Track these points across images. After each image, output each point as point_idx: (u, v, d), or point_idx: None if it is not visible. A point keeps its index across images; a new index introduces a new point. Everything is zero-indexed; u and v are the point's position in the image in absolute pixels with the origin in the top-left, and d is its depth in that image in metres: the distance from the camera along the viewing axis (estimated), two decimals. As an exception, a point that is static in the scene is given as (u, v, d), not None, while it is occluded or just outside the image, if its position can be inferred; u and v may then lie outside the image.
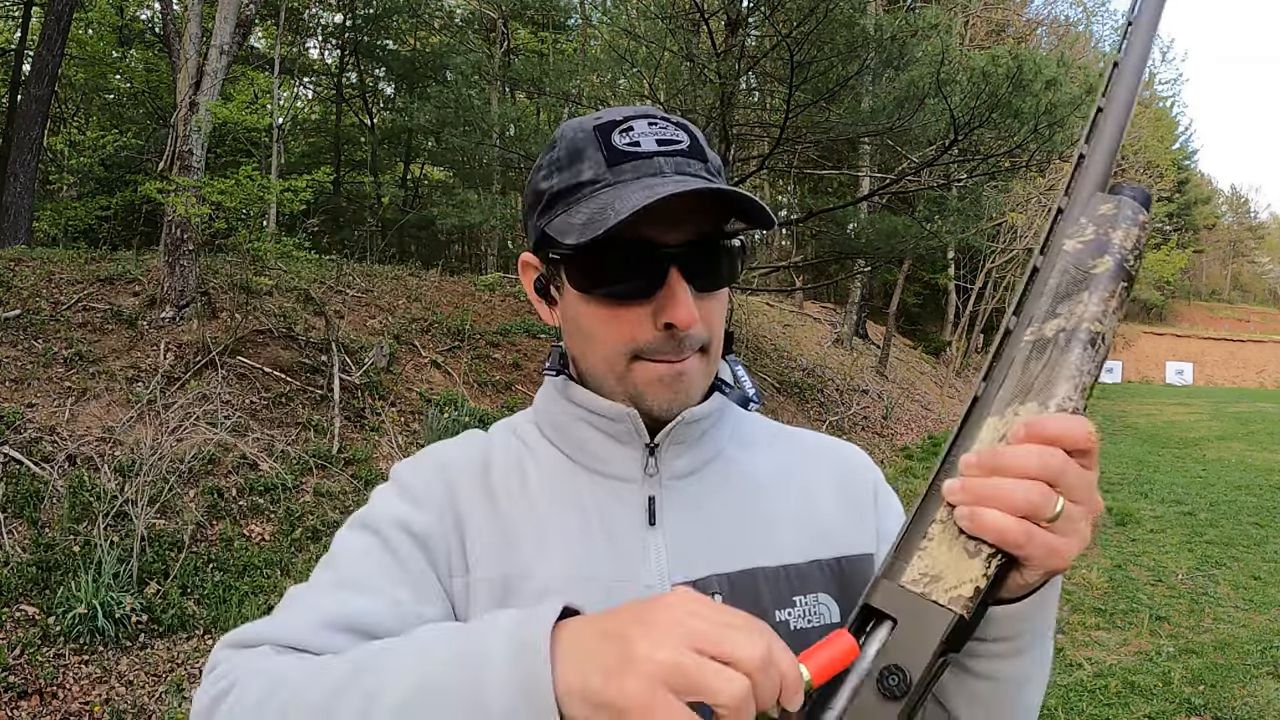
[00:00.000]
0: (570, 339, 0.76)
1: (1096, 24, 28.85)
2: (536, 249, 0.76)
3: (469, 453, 0.79)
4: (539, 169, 0.74)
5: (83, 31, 13.67)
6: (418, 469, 0.78)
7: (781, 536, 0.75)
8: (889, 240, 10.19)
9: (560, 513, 0.74)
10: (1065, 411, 0.52)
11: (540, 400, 0.81)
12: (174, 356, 6.07)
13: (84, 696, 3.43)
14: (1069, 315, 0.54)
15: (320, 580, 0.71)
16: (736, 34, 9.21)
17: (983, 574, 0.50)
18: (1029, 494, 0.51)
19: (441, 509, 0.74)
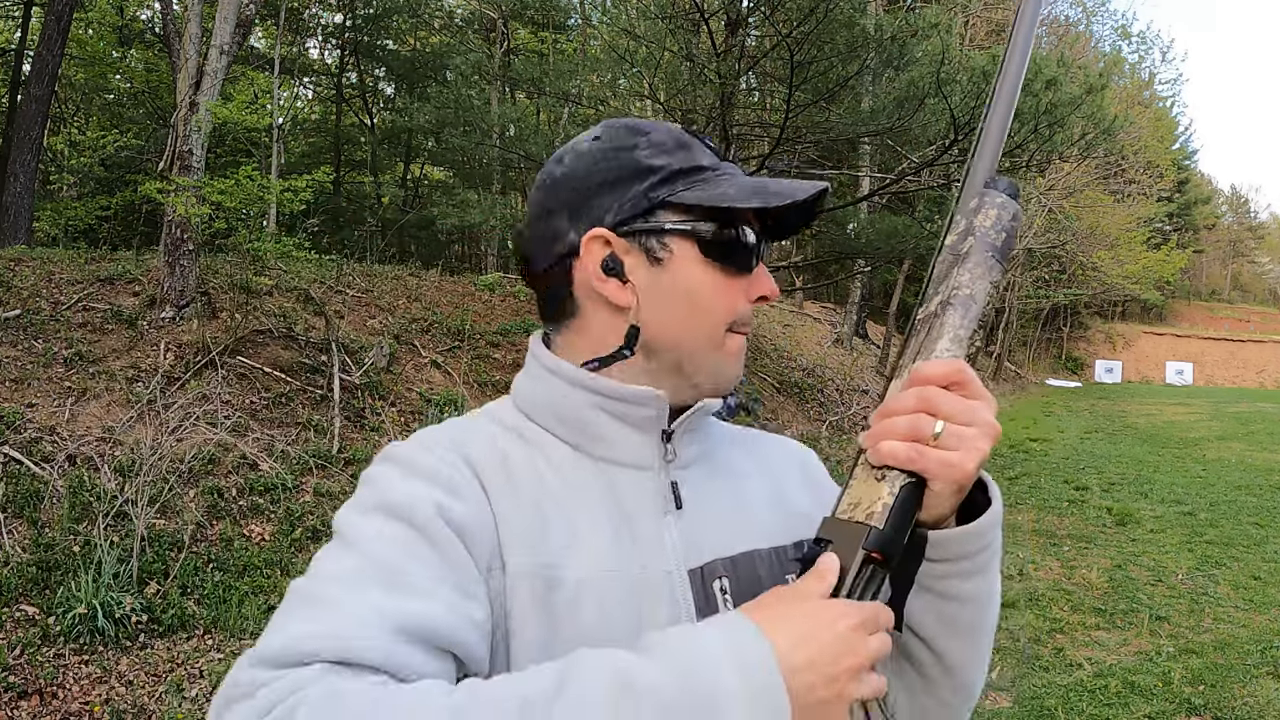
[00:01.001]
0: (666, 312, 0.74)
1: (1096, 24, 28.85)
2: (637, 218, 0.74)
3: (482, 438, 0.75)
4: (636, 146, 0.75)
5: (83, 31, 13.67)
6: (435, 452, 0.71)
7: (768, 521, 0.80)
8: (889, 240, 10.19)
9: (582, 502, 0.73)
10: (942, 358, 0.65)
11: (533, 389, 0.79)
12: (174, 356, 6.07)
13: (84, 696, 3.43)
14: (946, 289, 0.68)
15: (352, 575, 0.60)
16: (736, 34, 9.21)
17: (889, 493, 0.62)
18: (911, 422, 0.63)
19: (477, 497, 0.69)
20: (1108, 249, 24.54)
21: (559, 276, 0.77)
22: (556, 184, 0.77)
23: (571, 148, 0.79)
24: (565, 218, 0.76)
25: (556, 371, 0.77)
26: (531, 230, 0.78)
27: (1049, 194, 20.54)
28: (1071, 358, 34.12)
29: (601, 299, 0.75)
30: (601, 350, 0.76)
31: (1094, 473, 10.18)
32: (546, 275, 0.78)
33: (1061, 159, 16.74)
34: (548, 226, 0.77)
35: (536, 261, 0.78)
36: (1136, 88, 31.08)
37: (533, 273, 0.79)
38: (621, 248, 0.74)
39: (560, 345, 0.79)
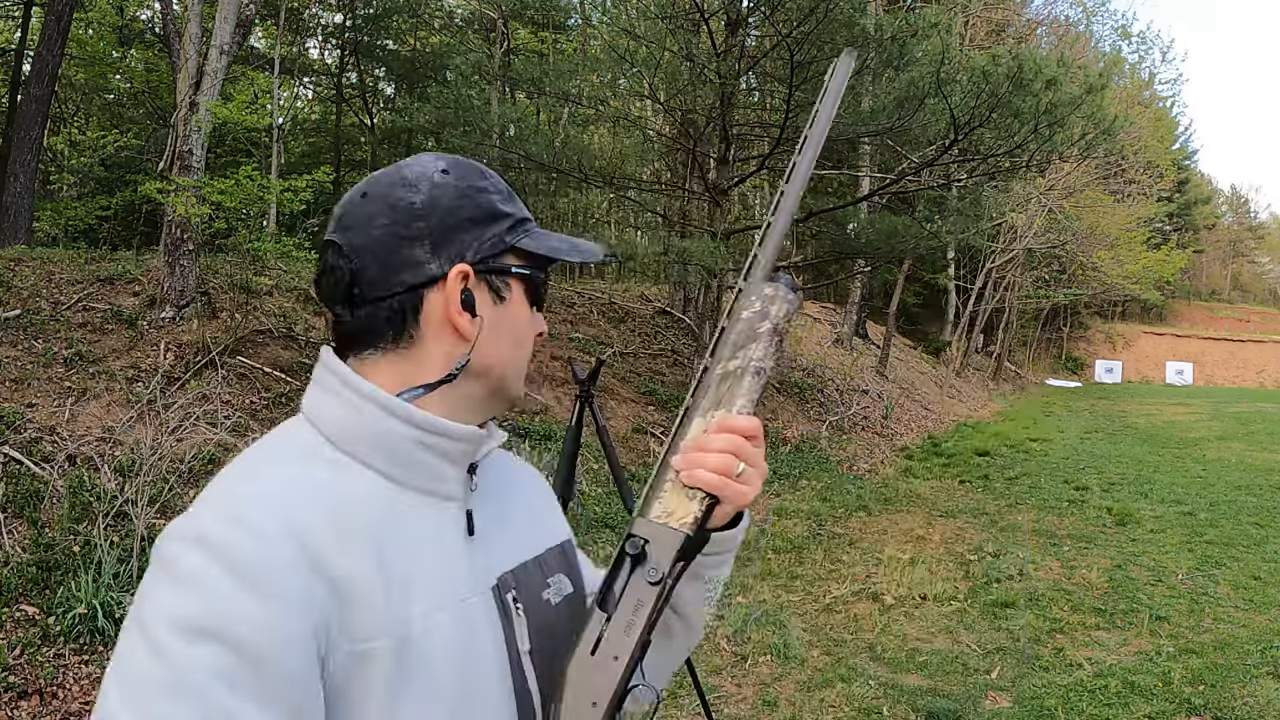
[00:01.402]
0: (499, 344, 0.81)
1: (1096, 24, 28.85)
2: (491, 259, 0.79)
3: (307, 491, 0.71)
4: (487, 190, 0.81)
5: (83, 31, 13.67)
6: (256, 534, 0.66)
7: (530, 532, 0.90)
8: (889, 240, 10.19)
9: (408, 540, 0.74)
10: (743, 413, 0.81)
11: (346, 417, 0.76)
12: (174, 356, 6.07)
13: (84, 696, 3.43)
14: (744, 357, 0.82)
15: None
16: (736, 34, 9.21)
17: (699, 509, 0.79)
18: (723, 461, 0.78)
19: (309, 586, 0.66)
20: (1108, 249, 24.52)
21: (403, 302, 0.77)
22: (415, 213, 0.77)
23: (423, 176, 0.79)
24: (425, 248, 0.76)
25: (376, 400, 0.75)
26: (373, 251, 0.76)
27: (1049, 194, 20.53)
28: (1071, 358, 34.12)
29: (448, 329, 0.77)
30: (421, 377, 0.77)
31: (1094, 473, 10.18)
32: (384, 299, 0.76)
33: (1061, 159, 16.72)
34: (400, 254, 0.76)
35: (373, 285, 0.76)
36: (1136, 88, 31.07)
37: (365, 295, 0.76)
38: (474, 284, 0.78)
39: (372, 368, 0.78)
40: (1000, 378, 24.75)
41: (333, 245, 0.78)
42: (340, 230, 0.78)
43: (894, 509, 7.90)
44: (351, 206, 0.79)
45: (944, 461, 10.74)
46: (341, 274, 0.77)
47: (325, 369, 0.78)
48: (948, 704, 3.70)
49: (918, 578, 5.54)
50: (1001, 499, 8.50)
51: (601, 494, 6.88)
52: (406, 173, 0.80)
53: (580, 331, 10.47)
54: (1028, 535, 6.95)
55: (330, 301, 0.79)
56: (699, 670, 3.95)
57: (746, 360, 0.82)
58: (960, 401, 18.32)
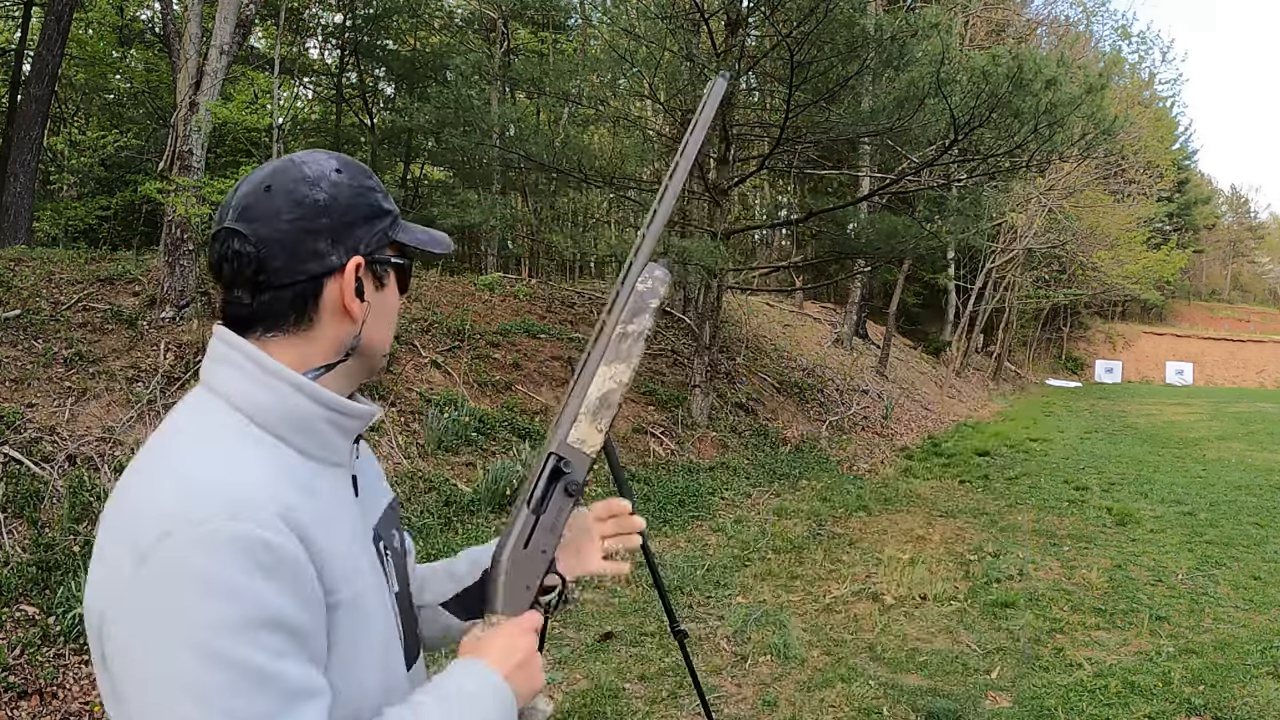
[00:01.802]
0: (379, 325, 0.92)
1: (1096, 24, 28.84)
2: (375, 252, 0.89)
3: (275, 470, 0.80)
4: (374, 190, 0.91)
5: (83, 31, 13.66)
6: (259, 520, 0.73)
7: (378, 490, 1.01)
8: (889, 240, 10.19)
9: (335, 511, 0.85)
10: (632, 366, 1.03)
11: (264, 397, 0.83)
12: (174, 356, 6.07)
13: (84, 696, 3.43)
14: (638, 324, 1.04)
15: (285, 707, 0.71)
16: (736, 34, 9.21)
17: (601, 440, 1.02)
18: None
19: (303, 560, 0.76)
20: (1108, 249, 24.51)
21: (305, 289, 0.85)
22: (318, 209, 0.85)
23: (323, 175, 0.87)
24: (327, 241, 0.85)
25: (289, 380, 0.83)
26: (281, 242, 0.83)
27: (1049, 194, 20.52)
28: (1071, 358, 34.11)
29: (341, 313, 0.87)
30: (316, 357, 0.87)
31: (1094, 473, 10.18)
32: (288, 286, 0.84)
33: (1061, 159, 16.71)
34: (305, 245, 0.84)
35: (279, 273, 0.83)
36: (1136, 88, 31.04)
37: (270, 281, 0.83)
38: (363, 273, 0.88)
39: (275, 348, 0.85)
40: (1000, 378, 24.75)
41: (237, 234, 0.83)
42: (245, 221, 0.83)
43: (894, 509, 7.89)
44: (256, 199, 0.84)
45: (944, 461, 10.74)
46: (247, 261, 0.83)
47: (231, 348, 0.84)
48: (948, 704, 3.70)
49: (918, 578, 5.53)
50: (1001, 499, 8.50)
51: (601, 494, 6.88)
52: (307, 170, 0.87)
53: (580, 331, 10.47)
54: (1028, 535, 6.95)
55: (231, 286, 0.85)
56: (699, 670, 3.95)
57: (641, 327, 1.05)
58: (960, 401, 18.32)
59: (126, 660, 0.72)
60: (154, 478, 0.77)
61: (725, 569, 5.79)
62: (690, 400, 9.60)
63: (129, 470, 0.82)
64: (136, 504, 0.76)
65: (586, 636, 4.50)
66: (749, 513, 7.44)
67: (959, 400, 18.44)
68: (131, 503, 0.76)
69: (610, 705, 3.68)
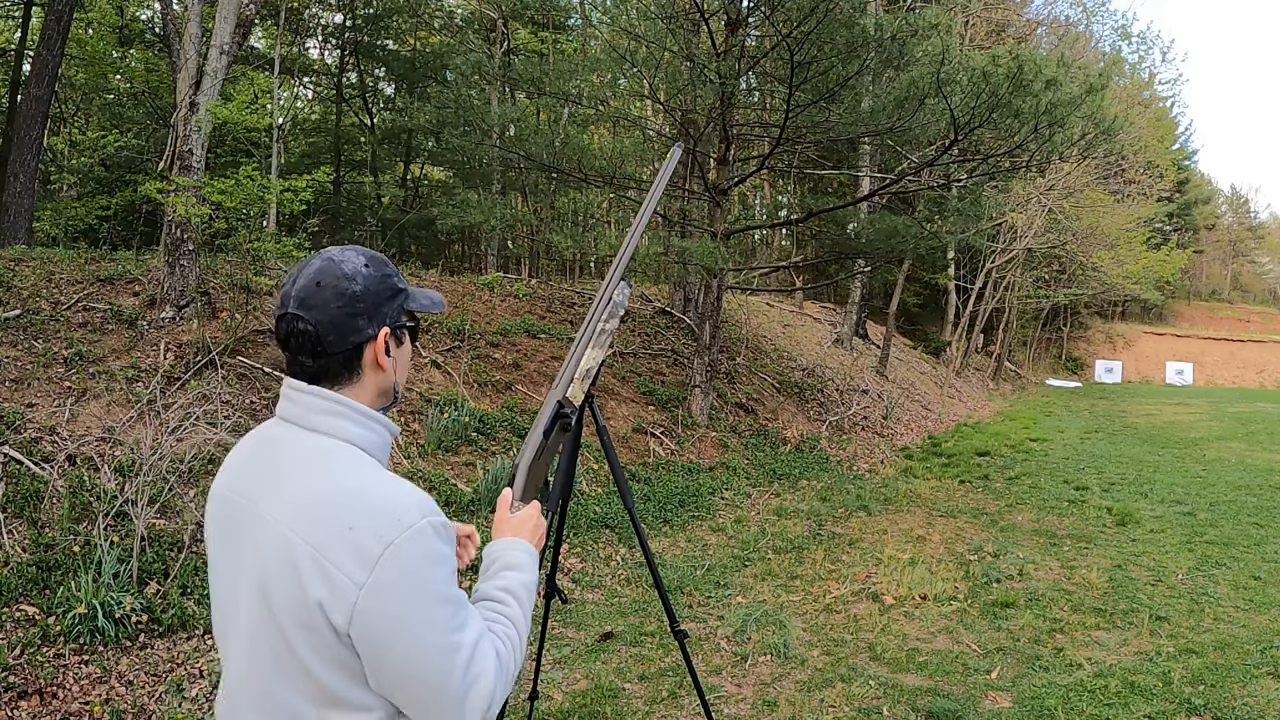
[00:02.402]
0: (400, 372, 1.31)
1: (1096, 24, 28.83)
2: (398, 320, 1.27)
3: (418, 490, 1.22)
4: (391, 276, 1.26)
5: (83, 31, 13.67)
6: (442, 519, 1.17)
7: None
8: (889, 240, 10.19)
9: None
10: (604, 351, 1.74)
11: (368, 436, 1.23)
12: (174, 356, 6.07)
13: (84, 696, 3.43)
14: (611, 326, 1.72)
15: (476, 628, 1.18)
16: (736, 34, 9.20)
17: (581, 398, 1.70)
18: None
19: (450, 527, 1.25)
20: (1108, 249, 24.51)
21: (353, 354, 1.22)
22: (357, 297, 1.20)
23: (357, 270, 1.22)
24: (365, 319, 1.21)
25: (376, 420, 1.24)
26: (333, 324, 1.19)
27: (1049, 194, 20.52)
28: (1071, 358, 34.10)
29: (375, 367, 1.25)
30: (366, 399, 1.25)
31: (1094, 473, 10.18)
32: (341, 353, 1.21)
33: (1061, 159, 16.72)
34: (351, 323, 1.20)
35: (333, 344, 1.19)
36: (1136, 88, 31.04)
37: (327, 350, 1.20)
38: (390, 338, 1.25)
39: (350, 396, 1.24)
40: (1000, 378, 24.74)
41: (300, 318, 1.19)
42: (305, 308, 1.19)
43: (894, 509, 7.90)
44: (310, 292, 1.19)
45: (944, 461, 10.74)
46: (310, 337, 1.19)
47: (337, 403, 1.21)
48: (948, 704, 3.70)
49: (918, 578, 5.53)
50: (1001, 499, 8.50)
51: (601, 494, 6.88)
52: (345, 269, 1.21)
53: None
54: (1028, 535, 6.95)
55: (297, 353, 1.21)
56: (699, 670, 3.95)
57: (613, 326, 1.74)
58: (960, 401, 18.32)
59: (392, 625, 1.08)
60: (344, 498, 1.12)
61: (725, 569, 5.79)
62: (690, 400, 9.60)
63: (260, 482, 1.19)
64: (351, 519, 1.10)
65: (586, 636, 4.50)
66: (749, 513, 7.43)
67: (959, 400, 18.44)
68: (340, 520, 1.10)
69: (610, 705, 3.68)
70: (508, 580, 1.33)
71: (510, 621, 1.26)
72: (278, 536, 1.11)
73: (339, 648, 1.09)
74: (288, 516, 1.12)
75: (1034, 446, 12.48)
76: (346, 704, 1.12)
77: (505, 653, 1.20)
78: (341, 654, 1.10)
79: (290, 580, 1.09)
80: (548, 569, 2.73)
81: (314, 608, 1.08)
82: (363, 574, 1.07)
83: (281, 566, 1.10)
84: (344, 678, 1.11)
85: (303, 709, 1.12)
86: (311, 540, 1.09)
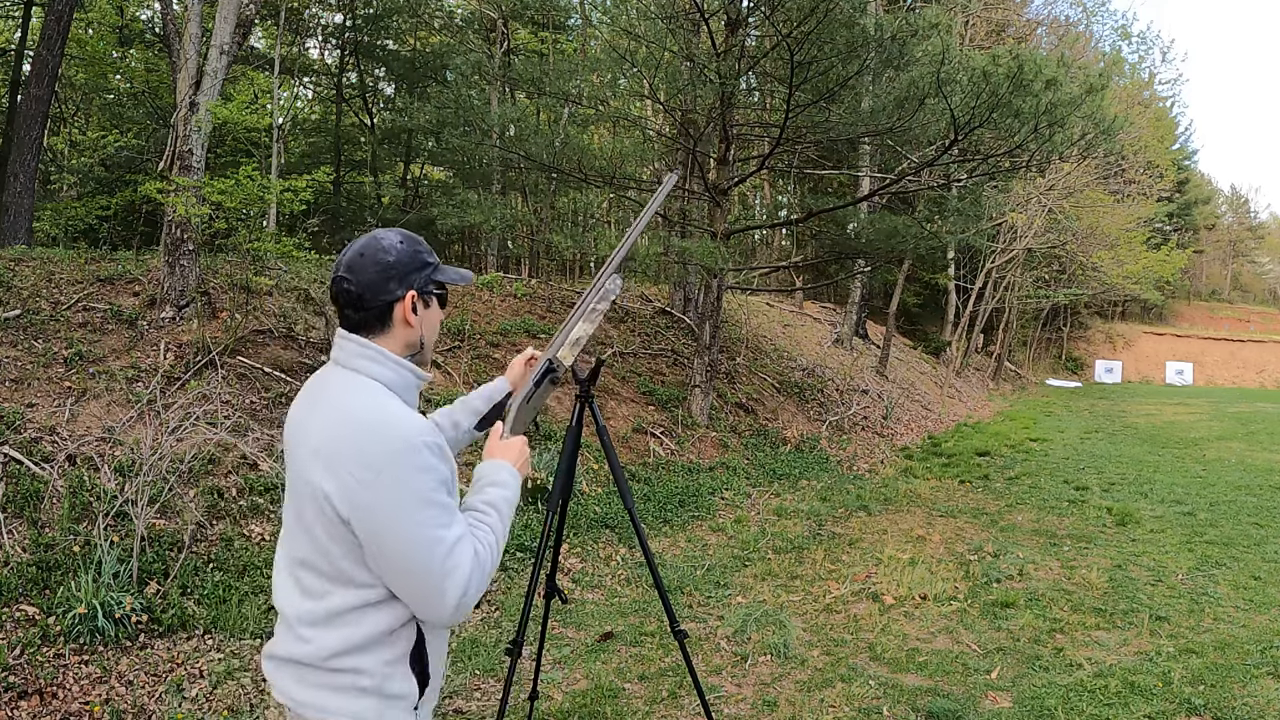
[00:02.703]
0: (429, 330, 1.59)
1: (1096, 24, 28.83)
2: (426, 285, 1.56)
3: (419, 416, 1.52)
4: (421, 252, 1.56)
5: (83, 31, 13.66)
6: (437, 435, 1.45)
7: None
8: (889, 240, 10.19)
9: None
10: (594, 326, 2.03)
11: (394, 376, 1.52)
12: (174, 356, 6.07)
13: (84, 696, 3.43)
14: (600, 308, 2.02)
15: (458, 527, 1.44)
16: (736, 34, 9.20)
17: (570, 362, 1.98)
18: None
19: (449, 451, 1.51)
20: (1108, 249, 24.51)
21: (385, 310, 1.51)
22: (391, 266, 1.51)
23: (393, 244, 1.53)
24: (396, 283, 1.51)
25: (402, 365, 1.53)
26: (369, 285, 1.50)
27: (1049, 194, 20.52)
28: (1071, 358, 34.11)
29: (404, 323, 1.54)
30: (397, 348, 1.54)
31: (1094, 473, 10.18)
32: (375, 307, 1.50)
33: (1061, 159, 16.72)
34: (384, 285, 1.50)
35: (370, 301, 1.50)
36: (1136, 88, 31.04)
37: (364, 306, 1.50)
38: (417, 299, 1.54)
39: (379, 344, 1.52)
40: (1000, 378, 24.74)
41: (346, 279, 1.51)
42: (350, 272, 1.51)
43: (894, 509, 7.90)
44: (355, 261, 1.51)
45: (944, 461, 10.74)
46: (353, 294, 1.50)
47: (366, 347, 1.51)
48: (948, 704, 3.70)
49: (918, 578, 5.53)
50: (1001, 499, 8.50)
51: (602, 494, 6.88)
52: (383, 243, 1.53)
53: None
54: (1028, 535, 6.95)
55: (344, 307, 1.52)
56: (699, 670, 3.95)
57: (603, 307, 2.01)
58: (960, 401, 18.32)
59: (385, 517, 1.36)
60: (358, 416, 1.41)
61: (725, 569, 5.79)
62: (690, 400, 9.60)
63: (305, 409, 1.51)
64: (359, 433, 1.39)
65: (586, 636, 4.50)
66: (749, 513, 7.43)
67: (959, 400, 18.44)
68: (351, 432, 1.39)
69: (610, 705, 3.68)
70: (491, 495, 1.57)
71: (490, 529, 1.51)
72: (309, 448, 1.44)
73: (343, 531, 1.40)
74: (317, 431, 1.44)
75: (1034, 446, 12.48)
76: (350, 580, 1.42)
77: (483, 552, 1.45)
78: (346, 536, 1.40)
79: (311, 477, 1.42)
80: (548, 569, 2.73)
81: (323, 498, 1.39)
82: (364, 474, 1.36)
83: (309, 468, 1.42)
84: (348, 555, 1.42)
85: (315, 584, 1.45)
86: (330, 447, 1.40)
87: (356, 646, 1.44)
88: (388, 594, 1.43)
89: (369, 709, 1.45)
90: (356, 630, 1.44)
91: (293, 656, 1.48)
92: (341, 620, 1.44)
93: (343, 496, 1.37)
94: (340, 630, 1.44)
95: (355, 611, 1.44)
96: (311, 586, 1.46)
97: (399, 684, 1.47)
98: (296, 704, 1.48)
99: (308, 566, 1.46)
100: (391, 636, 1.46)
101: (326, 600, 1.45)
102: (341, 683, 1.44)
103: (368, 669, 1.44)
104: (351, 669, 1.44)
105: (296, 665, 1.48)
